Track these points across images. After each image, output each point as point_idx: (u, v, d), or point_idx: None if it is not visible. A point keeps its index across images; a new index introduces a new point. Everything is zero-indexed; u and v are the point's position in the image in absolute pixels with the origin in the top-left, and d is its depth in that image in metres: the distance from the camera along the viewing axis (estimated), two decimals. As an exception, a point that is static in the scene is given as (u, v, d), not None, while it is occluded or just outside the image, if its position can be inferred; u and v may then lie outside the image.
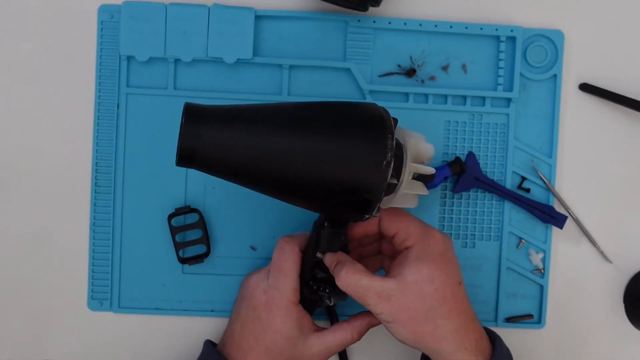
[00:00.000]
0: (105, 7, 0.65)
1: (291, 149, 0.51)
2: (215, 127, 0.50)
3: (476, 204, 0.68)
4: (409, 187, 0.54)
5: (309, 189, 0.52)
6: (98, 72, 0.66)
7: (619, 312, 0.70)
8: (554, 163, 0.68)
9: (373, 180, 0.51)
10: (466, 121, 0.67)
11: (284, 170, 0.51)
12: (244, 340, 0.60)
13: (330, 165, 0.51)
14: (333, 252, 0.57)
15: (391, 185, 0.52)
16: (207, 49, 0.65)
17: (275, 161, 0.51)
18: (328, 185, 0.51)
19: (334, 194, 0.52)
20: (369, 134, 0.51)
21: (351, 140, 0.51)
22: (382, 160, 0.51)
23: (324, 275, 0.58)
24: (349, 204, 0.52)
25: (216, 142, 0.50)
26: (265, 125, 0.51)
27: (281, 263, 0.58)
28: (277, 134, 0.51)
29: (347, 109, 0.54)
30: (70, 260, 0.67)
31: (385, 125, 0.52)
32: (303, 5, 0.66)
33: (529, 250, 0.68)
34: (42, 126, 0.66)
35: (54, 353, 0.67)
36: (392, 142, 0.51)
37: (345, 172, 0.51)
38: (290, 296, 0.58)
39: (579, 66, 0.68)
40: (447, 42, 0.67)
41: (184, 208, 0.66)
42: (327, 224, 0.57)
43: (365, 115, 0.53)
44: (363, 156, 0.51)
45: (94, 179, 0.66)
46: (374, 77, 0.67)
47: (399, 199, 0.54)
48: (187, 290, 0.67)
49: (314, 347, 0.59)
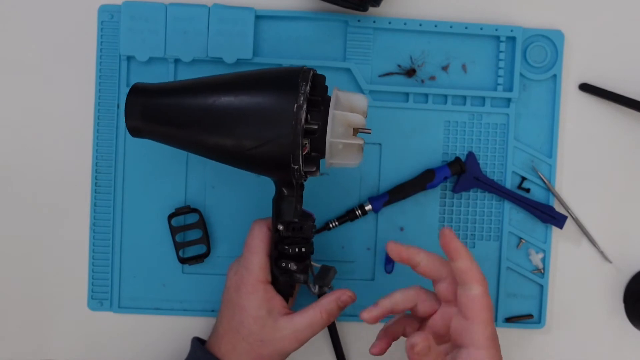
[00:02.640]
0: (105, 7, 0.65)
1: (211, 107, 0.54)
2: (153, 99, 0.56)
3: (476, 204, 0.68)
4: (342, 137, 0.54)
5: (230, 142, 0.54)
6: (98, 72, 0.66)
7: (619, 312, 0.70)
8: (554, 163, 0.68)
9: (284, 124, 0.52)
10: (466, 121, 0.67)
11: (208, 129, 0.55)
12: (220, 325, 0.60)
13: (246, 117, 0.54)
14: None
15: (312, 131, 0.53)
16: (207, 49, 0.65)
17: (200, 121, 0.55)
18: (244, 134, 0.54)
19: (252, 143, 0.53)
20: (282, 86, 0.54)
21: (265, 92, 0.54)
22: (293, 104, 0.52)
23: (289, 250, 0.58)
24: (270, 153, 0.53)
25: (153, 112, 0.56)
26: (193, 92, 0.56)
27: (249, 241, 0.59)
28: (201, 97, 0.55)
29: (270, 70, 0.57)
30: (70, 260, 0.67)
31: (297, 74, 0.54)
32: (303, 5, 0.66)
33: (529, 250, 0.68)
34: (42, 126, 0.66)
35: (54, 353, 0.68)
36: (305, 87, 0.53)
37: (259, 120, 0.53)
38: (257, 274, 0.58)
39: (579, 66, 0.68)
40: (447, 42, 0.67)
41: (184, 208, 0.66)
42: (283, 192, 0.58)
43: (284, 72, 0.55)
44: (274, 103, 0.53)
45: (94, 179, 0.66)
46: (374, 77, 0.67)
47: (336, 153, 0.54)
48: (187, 290, 0.67)
49: (283, 330, 0.58)
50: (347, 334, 0.69)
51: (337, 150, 0.54)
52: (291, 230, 0.58)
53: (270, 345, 0.58)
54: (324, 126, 0.53)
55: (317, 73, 0.56)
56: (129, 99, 0.56)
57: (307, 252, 0.59)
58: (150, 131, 0.57)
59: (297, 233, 0.58)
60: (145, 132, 0.57)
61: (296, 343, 0.59)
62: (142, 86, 0.57)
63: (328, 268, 0.60)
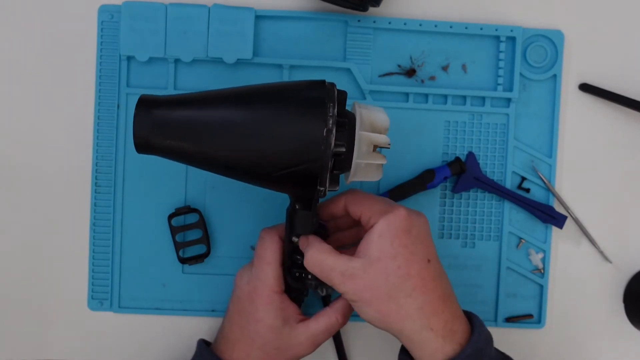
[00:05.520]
0: (105, 7, 0.65)
1: (232, 124, 0.52)
2: (166, 112, 0.52)
3: (476, 204, 0.68)
4: (366, 157, 0.54)
5: (255, 163, 0.52)
6: (98, 72, 0.66)
7: (619, 312, 0.70)
8: (553, 163, 0.68)
9: (313, 148, 0.51)
10: (466, 121, 0.67)
11: (229, 147, 0.52)
12: (231, 333, 0.60)
13: (272, 137, 0.52)
14: (305, 236, 0.57)
15: (339, 154, 0.52)
16: (207, 49, 0.65)
17: (220, 138, 0.52)
18: (271, 157, 0.52)
19: (279, 166, 0.52)
20: (309, 105, 0.52)
21: (290, 111, 0.52)
22: (323, 127, 0.51)
23: (303, 260, 0.57)
24: (297, 176, 0.52)
25: (167, 126, 0.52)
26: (210, 106, 0.53)
27: (261, 252, 0.59)
28: (220, 112, 0.52)
29: (290, 85, 0.55)
30: (70, 260, 0.67)
31: (323, 92, 0.52)
32: (303, 5, 0.66)
33: (528, 250, 0.68)
34: (42, 126, 0.66)
35: (54, 353, 0.68)
36: (333, 110, 0.52)
37: (286, 142, 0.52)
38: (272, 285, 0.58)
39: (578, 66, 0.68)
40: (447, 42, 0.67)
41: (184, 208, 0.66)
42: (296, 206, 0.57)
43: (306, 89, 0.54)
44: (302, 126, 0.51)
45: (94, 179, 0.66)
46: (374, 77, 0.67)
47: (359, 171, 0.54)
48: (187, 290, 0.67)
49: (299, 337, 0.58)
50: (350, 334, 0.69)
51: (360, 169, 0.54)
52: None
53: (286, 352, 0.59)
54: (350, 147, 0.52)
55: (339, 89, 0.54)
56: (138, 111, 0.52)
57: None
58: (162, 147, 0.52)
59: None
60: (156, 149, 0.52)
61: (312, 347, 0.59)
62: (152, 98, 0.53)
63: None
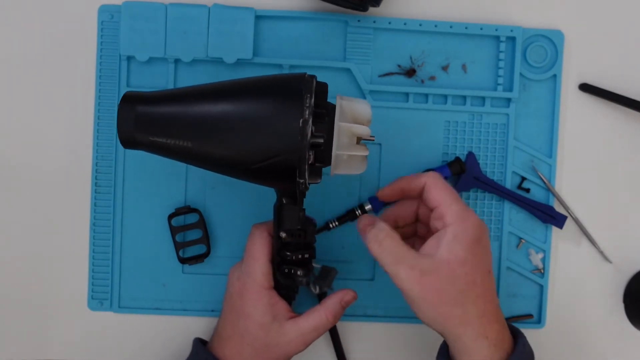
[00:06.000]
0: (105, 7, 0.65)
1: (212, 118, 0.52)
2: (148, 108, 0.53)
3: (476, 204, 0.68)
4: (348, 149, 0.53)
5: (235, 155, 0.53)
6: (98, 72, 0.66)
7: (619, 312, 0.70)
8: (553, 163, 0.68)
9: (290, 140, 0.51)
10: (466, 121, 0.67)
11: (210, 141, 0.53)
12: (223, 330, 0.60)
13: (250, 130, 0.52)
14: (369, 215, 0.56)
15: (317, 144, 0.52)
16: (207, 49, 0.65)
17: (200, 132, 0.53)
18: (250, 149, 0.52)
19: (258, 158, 0.52)
20: (285, 97, 0.52)
21: (268, 103, 0.52)
22: (299, 118, 0.51)
23: (292, 257, 0.58)
24: (277, 168, 0.52)
25: (149, 122, 0.53)
26: (192, 101, 0.53)
27: (250, 248, 0.59)
28: (200, 106, 0.53)
29: (270, 78, 0.55)
30: (70, 260, 0.67)
31: (300, 83, 0.52)
32: (303, 5, 0.66)
33: (528, 250, 0.68)
34: (42, 126, 0.66)
35: (54, 353, 0.68)
36: (310, 100, 0.51)
37: (264, 134, 0.52)
38: (260, 280, 0.58)
39: (578, 66, 0.68)
40: (447, 42, 0.67)
41: (184, 208, 0.66)
42: (283, 200, 0.57)
43: (285, 81, 0.54)
44: (279, 117, 0.52)
45: (94, 179, 0.66)
46: (374, 77, 0.67)
47: (341, 163, 0.54)
48: (187, 290, 0.67)
49: (289, 334, 0.58)
50: (348, 334, 0.69)
51: (342, 161, 0.53)
52: (294, 237, 0.57)
53: (276, 350, 0.59)
54: (329, 138, 0.52)
55: (319, 81, 0.54)
56: (122, 107, 0.53)
57: (310, 257, 0.59)
58: (145, 142, 0.54)
59: (300, 239, 0.58)
60: (140, 144, 0.54)
61: (302, 346, 0.59)
62: (136, 94, 0.54)
63: (329, 269, 0.60)
